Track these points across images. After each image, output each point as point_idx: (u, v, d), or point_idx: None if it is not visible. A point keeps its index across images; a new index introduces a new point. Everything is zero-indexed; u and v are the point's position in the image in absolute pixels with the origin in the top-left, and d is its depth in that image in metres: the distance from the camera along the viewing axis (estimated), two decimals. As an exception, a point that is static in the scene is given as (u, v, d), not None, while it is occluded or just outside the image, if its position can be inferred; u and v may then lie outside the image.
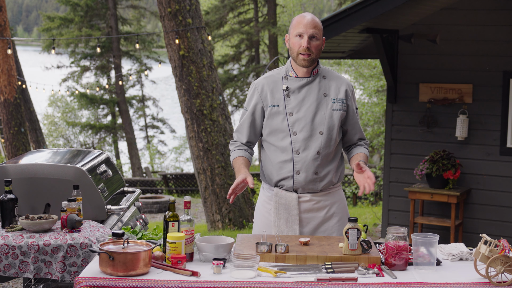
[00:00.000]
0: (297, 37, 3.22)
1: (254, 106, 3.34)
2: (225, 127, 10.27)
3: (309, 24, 3.20)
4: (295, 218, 3.29)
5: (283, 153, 3.28)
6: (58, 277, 3.31)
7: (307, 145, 3.26)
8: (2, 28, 12.75)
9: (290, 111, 3.27)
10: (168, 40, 9.94)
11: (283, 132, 3.28)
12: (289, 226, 3.29)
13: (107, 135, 25.87)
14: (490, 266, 2.65)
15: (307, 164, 3.25)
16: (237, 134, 3.44)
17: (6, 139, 13.67)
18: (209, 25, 20.33)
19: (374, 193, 14.32)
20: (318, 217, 3.32)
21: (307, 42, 3.19)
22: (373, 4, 5.87)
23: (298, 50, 3.22)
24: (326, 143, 3.27)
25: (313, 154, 3.25)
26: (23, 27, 64.11)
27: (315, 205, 3.31)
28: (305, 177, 3.26)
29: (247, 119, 3.37)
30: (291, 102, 3.28)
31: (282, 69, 3.37)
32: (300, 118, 3.26)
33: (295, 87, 3.29)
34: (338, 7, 20.23)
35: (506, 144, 6.50)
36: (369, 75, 18.81)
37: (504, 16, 6.48)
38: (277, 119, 3.29)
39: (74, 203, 3.41)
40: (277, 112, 3.28)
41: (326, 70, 3.36)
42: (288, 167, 3.28)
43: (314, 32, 3.20)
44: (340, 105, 3.29)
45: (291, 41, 3.26)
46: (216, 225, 10.22)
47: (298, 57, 3.24)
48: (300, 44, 3.21)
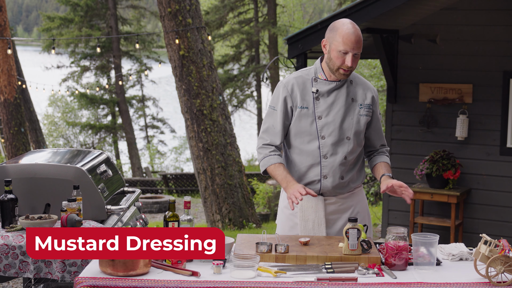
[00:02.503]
0: (341, 53, 3.14)
1: (284, 105, 3.27)
2: (225, 127, 10.27)
3: (357, 43, 3.14)
4: (322, 221, 3.28)
5: (309, 156, 3.26)
6: (58, 277, 3.31)
7: (335, 150, 3.24)
8: (2, 28, 12.76)
9: (319, 115, 3.24)
10: (168, 40, 9.95)
11: (310, 135, 3.25)
12: (316, 228, 3.28)
13: (107, 135, 25.87)
14: (490, 266, 2.65)
15: (335, 169, 3.25)
16: (269, 136, 3.32)
17: (6, 139, 13.67)
18: (209, 25, 20.34)
19: (374, 193, 14.32)
20: (344, 218, 3.33)
21: (351, 61, 3.14)
22: (373, 4, 5.87)
23: (341, 65, 3.17)
24: (353, 149, 3.27)
25: (341, 159, 3.25)
26: (23, 27, 64.10)
27: (341, 207, 3.33)
28: (332, 182, 3.26)
29: (280, 119, 3.28)
30: (321, 106, 3.24)
31: (310, 70, 3.32)
32: (329, 123, 3.23)
33: (324, 90, 3.25)
34: (338, 7, 20.23)
35: (506, 144, 6.50)
36: (369, 75, 18.80)
37: (504, 16, 6.48)
38: (306, 121, 3.25)
39: (74, 203, 3.41)
40: (306, 114, 3.24)
41: (353, 75, 3.33)
42: (315, 171, 3.26)
43: (359, 50, 3.16)
44: (366, 110, 3.29)
45: (332, 54, 3.17)
46: (216, 225, 10.23)
47: (339, 71, 3.19)
48: (343, 61, 3.15)
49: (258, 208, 13.72)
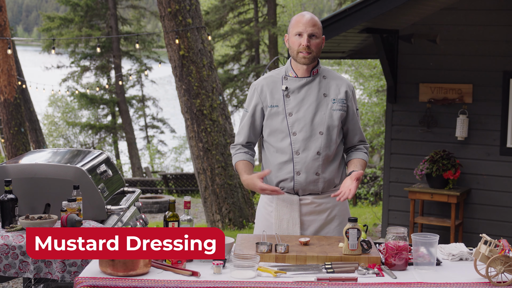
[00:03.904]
0: (297, 36, 3.21)
1: (254, 107, 3.34)
2: (225, 127, 10.27)
3: (308, 23, 3.20)
4: (296, 221, 3.27)
5: (282, 154, 3.27)
6: (58, 277, 3.31)
7: (306, 146, 3.24)
8: (2, 28, 12.75)
9: (290, 111, 3.26)
10: (168, 40, 9.95)
11: (282, 132, 3.27)
12: (290, 229, 3.27)
13: (107, 135, 25.88)
14: (490, 266, 2.65)
15: (307, 165, 3.24)
16: (237, 136, 3.45)
17: (6, 139, 13.67)
18: (209, 25, 20.33)
19: (374, 193, 14.33)
20: (319, 220, 3.30)
21: (306, 40, 3.19)
22: (373, 4, 5.87)
23: (298, 48, 3.21)
24: (326, 144, 3.26)
25: (313, 155, 3.24)
26: (23, 27, 64.11)
27: (317, 208, 3.30)
28: (306, 178, 3.25)
29: (248, 121, 3.37)
30: (291, 102, 3.26)
31: (281, 70, 3.36)
32: (299, 118, 3.25)
33: (294, 87, 3.28)
34: (338, 7, 20.24)
35: (506, 144, 6.50)
36: (369, 75, 18.81)
37: (504, 16, 6.48)
38: (277, 119, 3.28)
39: (74, 203, 3.41)
40: (277, 112, 3.27)
41: (326, 70, 3.34)
42: (288, 168, 3.26)
43: (313, 30, 3.20)
44: (340, 105, 3.28)
45: (290, 40, 3.25)
46: (216, 225, 10.23)
47: (298, 55, 3.23)
48: (300, 43, 3.20)
49: (258, 208, 13.71)
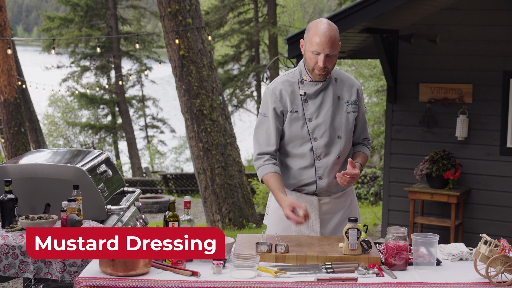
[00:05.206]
0: (314, 53, 3.12)
1: (275, 111, 3.23)
2: (225, 127, 10.27)
3: (327, 43, 3.08)
4: (316, 221, 3.29)
5: (302, 159, 3.25)
6: (58, 277, 3.31)
7: (328, 151, 3.24)
8: (2, 28, 12.75)
9: (309, 117, 3.22)
10: (168, 40, 9.95)
11: (302, 138, 3.24)
12: (310, 228, 3.29)
13: (107, 135, 25.87)
14: (490, 266, 2.65)
15: (329, 169, 3.25)
16: (263, 144, 3.27)
17: (6, 139, 13.67)
18: (209, 25, 20.33)
19: (374, 193, 14.33)
20: (336, 217, 3.34)
21: (323, 61, 3.11)
22: (373, 4, 5.87)
23: (314, 66, 3.15)
24: (345, 147, 3.28)
25: (334, 159, 3.25)
26: (23, 27, 64.09)
27: (334, 206, 3.34)
28: (328, 182, 3.27)
29: (273, 126, 3.24)
30: (309, 108, 3.23)
31: (296, 72, 3.28)
32: (320, 124, 3.22)
33: (312, 92, 3.23)
34: (338, 7, 20.23)
35: (506, 144, 6.50)
36: (369, 75, 18.80)
37: (504, 16, 6.48)
38: (297, 125, 3.23)
39: (74, 203, 3.41)
40: (297, 118, 3.22)
41: (336, 72, 3.31)
42: (310, 173, 3.26)
43: (332, 51, 3.10)
44: (353, 107, 3.29)
45: (307, 54, 3.16)
46: (216, 225, 10.22)
47: (314, 71, 3.17)
48: (316, 61, 3.12)
49: (258, 208, 13.73)
